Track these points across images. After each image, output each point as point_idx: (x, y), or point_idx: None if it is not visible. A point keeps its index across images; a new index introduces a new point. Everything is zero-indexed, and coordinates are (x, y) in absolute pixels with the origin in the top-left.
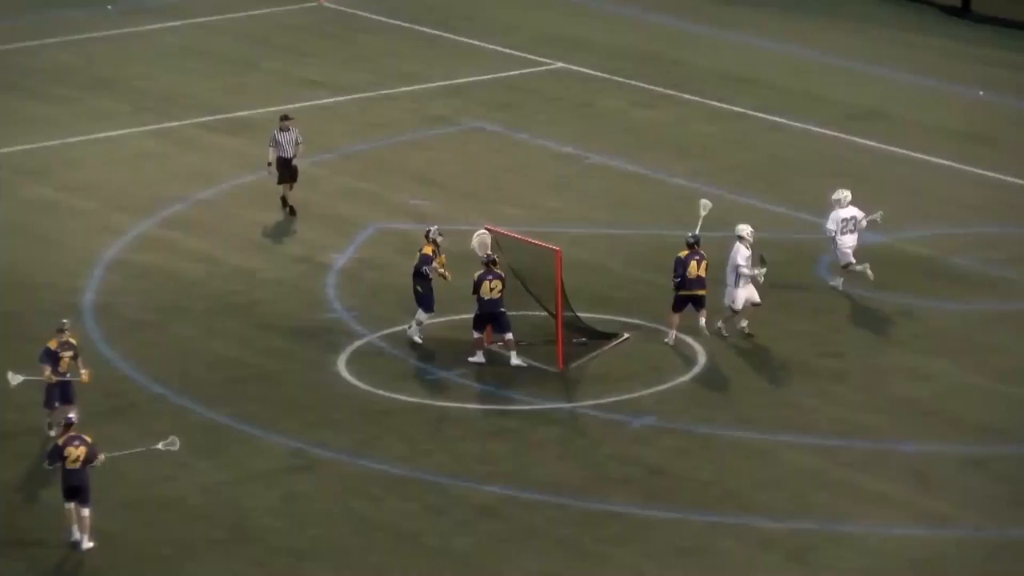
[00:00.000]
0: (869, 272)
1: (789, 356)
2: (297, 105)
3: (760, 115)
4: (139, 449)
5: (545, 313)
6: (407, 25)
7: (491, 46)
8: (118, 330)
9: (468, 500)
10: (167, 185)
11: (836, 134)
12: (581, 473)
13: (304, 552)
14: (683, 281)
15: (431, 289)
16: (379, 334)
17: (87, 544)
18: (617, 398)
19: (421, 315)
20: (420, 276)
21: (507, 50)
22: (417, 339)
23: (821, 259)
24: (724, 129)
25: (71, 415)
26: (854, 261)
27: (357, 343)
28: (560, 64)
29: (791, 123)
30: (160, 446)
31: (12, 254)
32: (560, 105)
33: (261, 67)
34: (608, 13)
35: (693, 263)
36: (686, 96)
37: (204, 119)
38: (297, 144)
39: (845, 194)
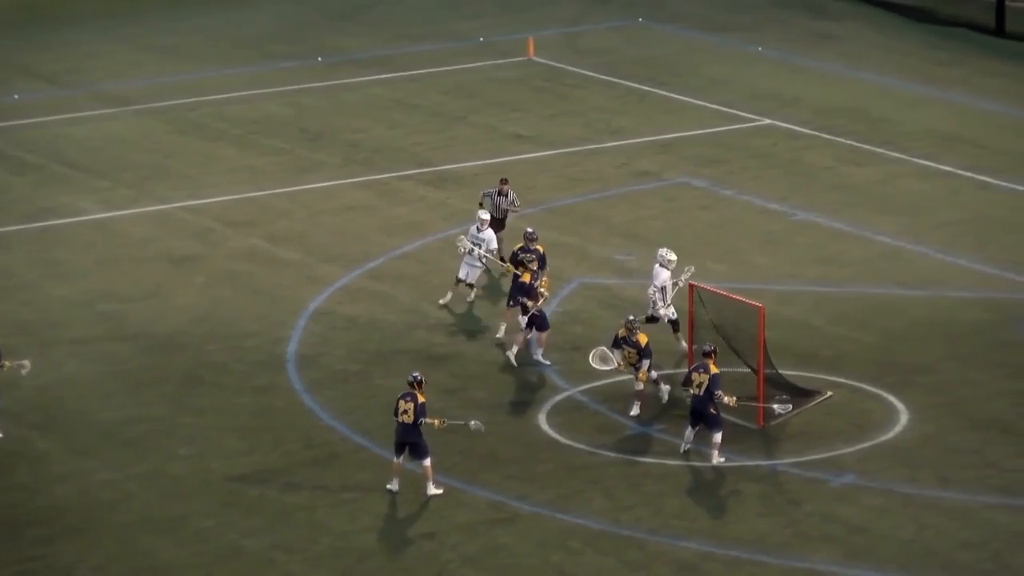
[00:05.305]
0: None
1: (993, 416)
2: (504, 159)
3: (968, 174)
4: (458, 422)
5: (747, 370)
6: (617, 80)
7: (699, 102)
8: (321, 380)
9: (667, 556)
10: (374, 237)
11: None
12: (782, 530)
13: None
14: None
15: None
16: (580, 388)
17: (433, 490)
18: (818, 456)
19: None
20: None
21: (715, 106)
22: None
23: None
24: (933, 187)
25: (416, 373)
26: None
27: (558, 397)
28: (768, 120)
29: (1001, 183)
30: (471, 424)
31: (219, 303)
32: (767, 161)
33: (470, 121)
34: (816, 70)
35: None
36: (894, 154)
37: (412, 172)
38: (513, 205)
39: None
